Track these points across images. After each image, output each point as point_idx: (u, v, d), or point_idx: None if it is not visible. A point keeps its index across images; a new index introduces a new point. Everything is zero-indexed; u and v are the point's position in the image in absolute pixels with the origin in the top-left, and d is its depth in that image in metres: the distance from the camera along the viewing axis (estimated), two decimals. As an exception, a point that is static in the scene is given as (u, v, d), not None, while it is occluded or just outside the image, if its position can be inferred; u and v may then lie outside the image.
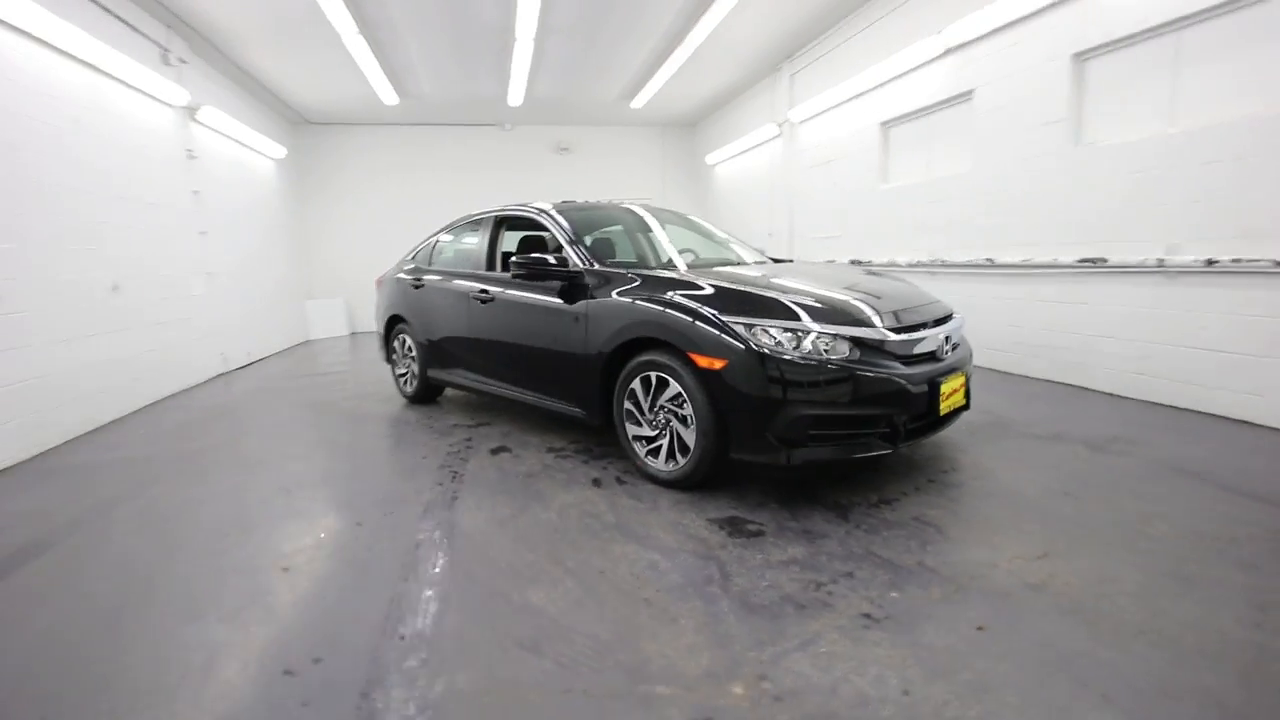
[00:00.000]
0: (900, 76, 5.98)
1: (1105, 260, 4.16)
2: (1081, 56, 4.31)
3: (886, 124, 6.34)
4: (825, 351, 2.52)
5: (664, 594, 2.01)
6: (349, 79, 7.91)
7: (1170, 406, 3.88)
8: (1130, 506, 2.53)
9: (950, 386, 2.75)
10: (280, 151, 8.93)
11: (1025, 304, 4.85)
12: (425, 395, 4.84)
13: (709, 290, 2.81)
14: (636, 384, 2.94)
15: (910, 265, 6.02)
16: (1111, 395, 4.22)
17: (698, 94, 9.42)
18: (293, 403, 5.21)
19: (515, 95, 8.77)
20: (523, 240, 3.98)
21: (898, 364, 2.60)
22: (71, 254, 4.41)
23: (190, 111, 6.32)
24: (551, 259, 3.33)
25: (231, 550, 2.45)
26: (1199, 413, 3.71)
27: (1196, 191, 3.67)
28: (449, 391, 5.19)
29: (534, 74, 7.89)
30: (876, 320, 2.66)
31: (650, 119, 10.95)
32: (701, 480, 2.78)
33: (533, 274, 3.41)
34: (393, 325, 5.02)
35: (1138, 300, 4.03)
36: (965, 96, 5.30)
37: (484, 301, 3.91)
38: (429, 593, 2.07)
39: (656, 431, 2.91)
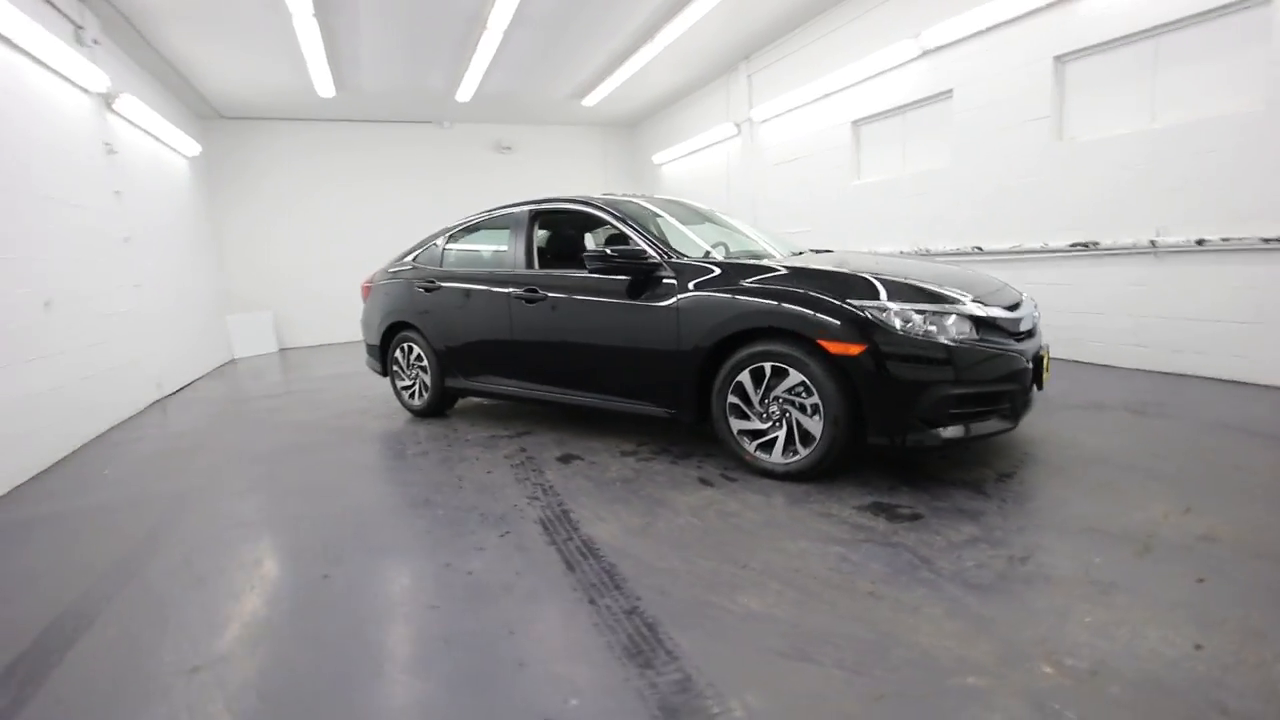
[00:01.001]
0: (874, 77, 6.26)
1: (1097, 244, 4.57)
2: (1063, 59, 4.70)
3: (858, 122, 6.62)
4: (960, 331, 2.55)
5: (883, 585, 1.94)
6: (283, 67, 7.18)
7: (1163, 373, 4.31)
8: (1215, 460, 2.76)
9: (1046, 361, 2.89)
10: (194, 148, 7.93)
11: (1017, 287, 5.22)
12: (438, 408, 4.45)
13: (825, 276, 2.77)
14: (745, 377, 2.84)
15: (892, 255, 6.32)
16: (1105, 366, 4.64)
17: (647, 93, 9.40)
18: (274, 426, 4.62)
19: (466, 90, 8.33)
20: (609, 236, 3.77)
21: (1012, 340, 2.69)
22: None
23: (107, 100, 5.46)
24: (636, 249, 3.17)
25: (392, 571, 2.11)
26: (1194, 377, 4.15)
27: (1180, 180, 4.11)
28: (460, 403, 4.81)
29: (492, 67, 7.53)
30: (987, 299, 2.73)
31: (593, 118, 10.81)
32: (826, 470, 2.73)
33: (617, 269, 3.21)
34: (392, 334, 4.58)
35: (1129, 279, 4.45)
36: (944, 95, 5.63)
37: (530, 301, 3.64)
38: (635, 616, 1.87)
39: (769, 424, 2.83)
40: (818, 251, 4.13)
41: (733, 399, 2.91)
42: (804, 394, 2.69)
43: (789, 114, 7.58)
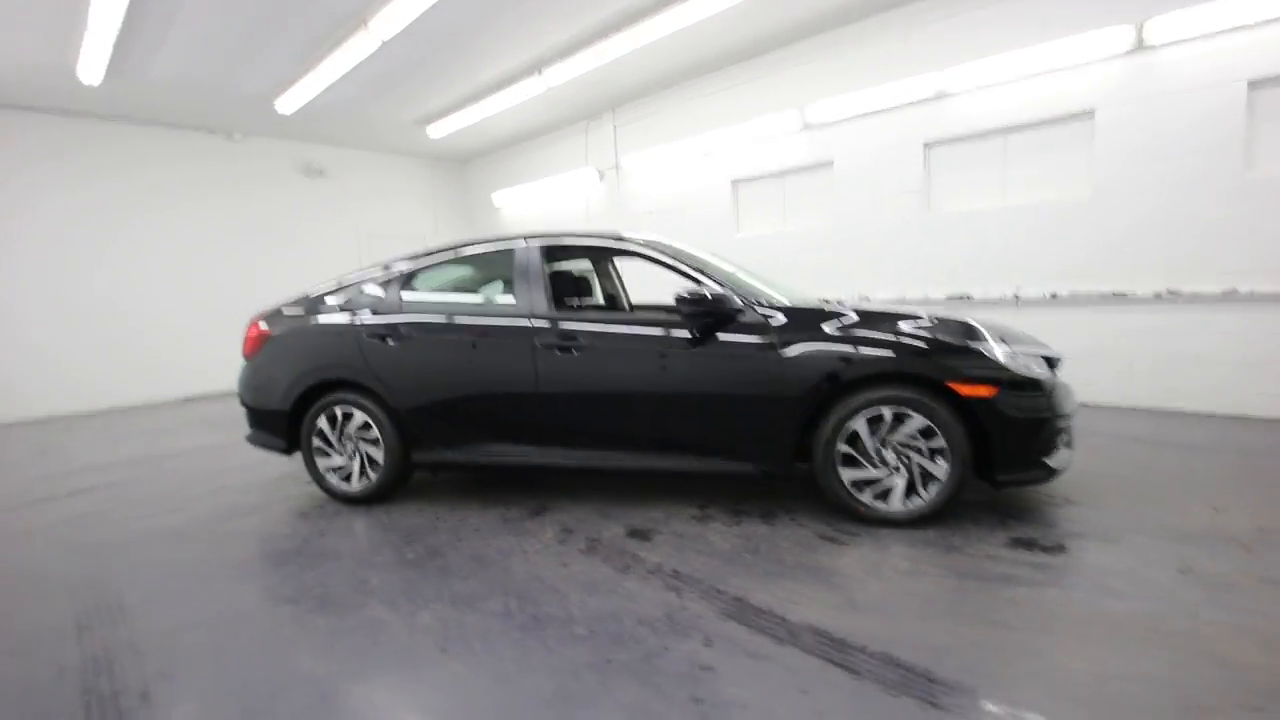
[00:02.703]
0: (757, 142, 6.82)
1: (970, 296, 5.56)
2: (930, 145, 5.71)
3: (739, 181, 7.13)
4: (1042, 368, 2.83)
5: (1156, 619, 1.98)
6: (36, 36, 5.16)
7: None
8: (1182, 466, 3.48)
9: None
10: None
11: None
12: (388, 490, 3.46)
13: (932, 320, 2.85)
14: (859, 423, 2.76)
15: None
16: (979, 396, 5.60)
17: (496, 130, 8.93)
18: (134, 556, 3.09)
19: (295, 100, 6.92)
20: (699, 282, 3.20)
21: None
22: None
23: None
24: (721, 293, 2.89)
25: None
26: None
27: (1029, 246, 5.24)
28: (415, 480, 3.79)
29: (347, 78, 6.41)
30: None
31: (425, 150, 9.88)
32: (943, 513, 2.76)
33: (704, 313, 2.90)
34: (312, 397, 3.47)
35: (996, 324, 5.47)
36: (826, 165, 6.39)
37: (565, 350, 3.07)
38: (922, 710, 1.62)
39: (886, 472, 2.77)
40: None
41: (844, 448, 2.80)
42: (927, 438, 2.71)
43: (664, 166, 7.84)
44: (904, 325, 2.80)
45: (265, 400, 3.58)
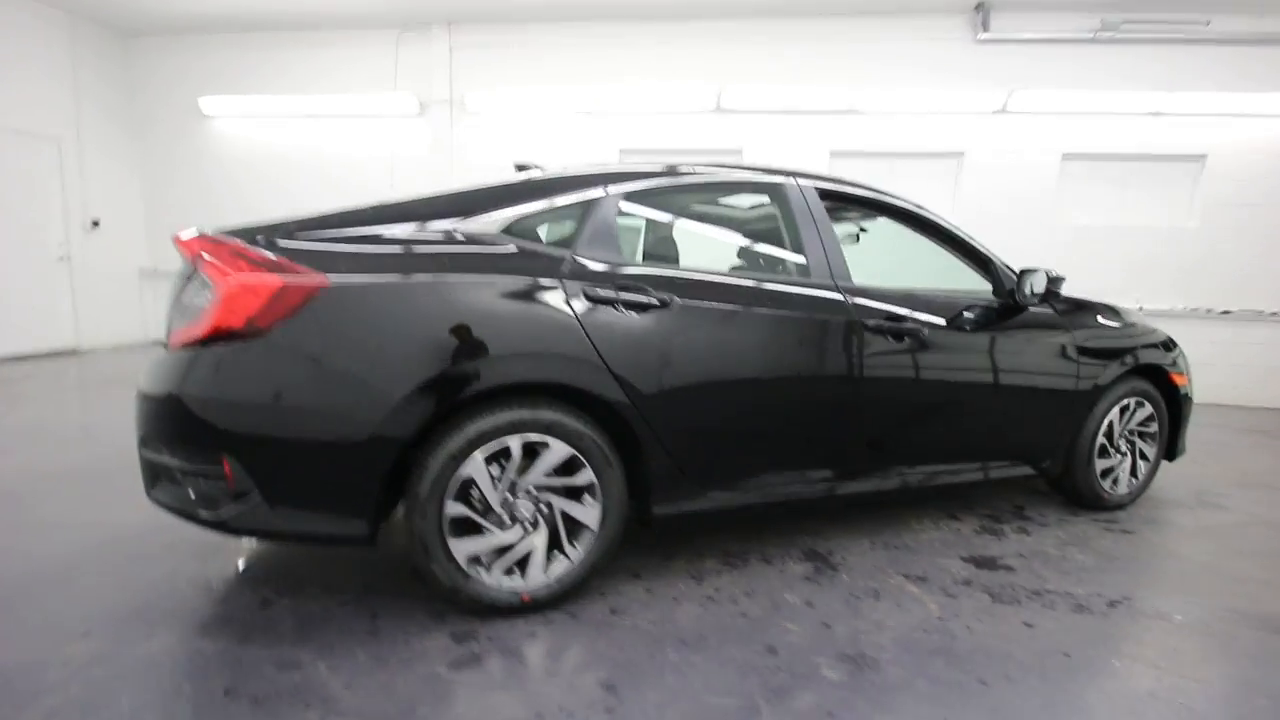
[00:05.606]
0: (667, 114, 6.27)
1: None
2: (834, 154, 6.17)
3: (627, 152, 6.43)
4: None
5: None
6: None
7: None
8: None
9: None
10: None
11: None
12: (590, 575, 1.95)
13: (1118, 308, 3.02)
14: (1115, 414, 2.82)
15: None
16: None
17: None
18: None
19: None
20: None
21: None
22: None
23: None
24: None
25: None
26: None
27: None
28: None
29: None
30: None
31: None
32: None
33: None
34: (451, 419, 1.70)
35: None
36: (734, 151, 6.26)
37: (898, 336, 2.26)
38: None
39: (1118, 461, 2.90)
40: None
41: (1102, 440, 2.82)
42: (1150, 424, 2.95)
43: (525, 112, 6.52)
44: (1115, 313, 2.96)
45: (321, 426, 1.61)
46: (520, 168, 2.61)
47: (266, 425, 1.57)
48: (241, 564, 2.13)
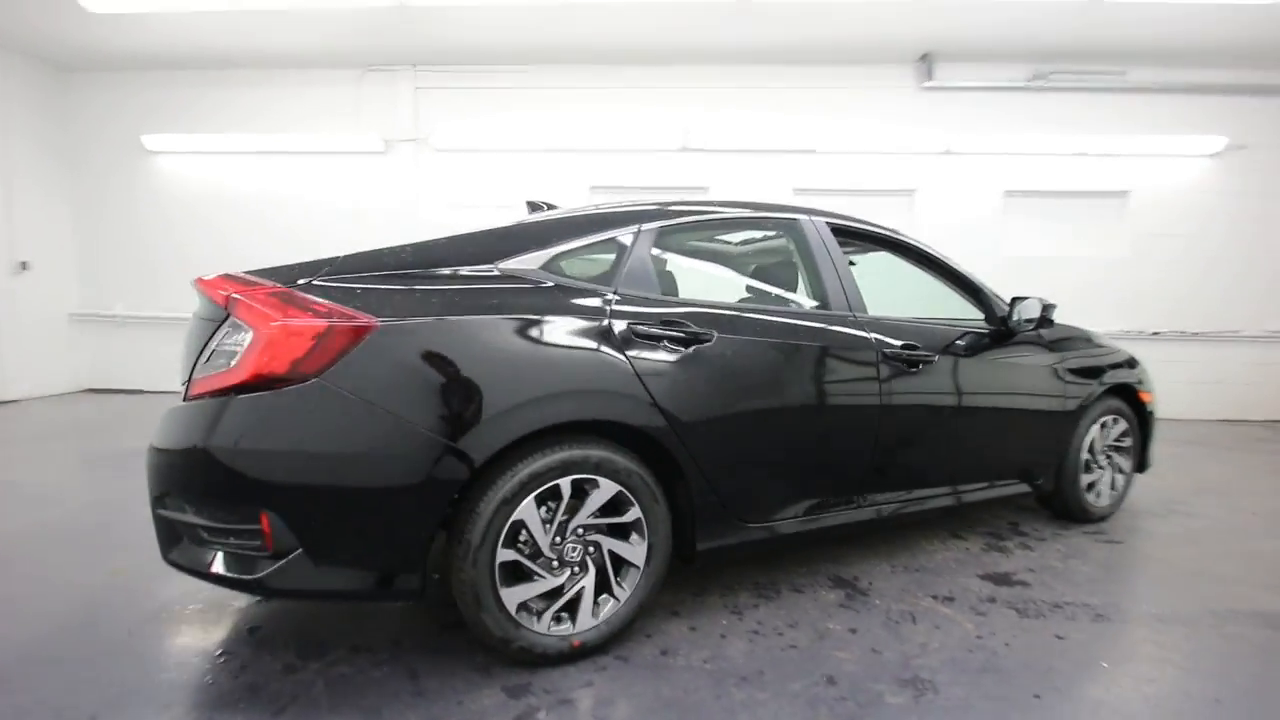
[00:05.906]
0: (631, 152, 6.41)
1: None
2: (798, 191, 6.44)
3: (598, 189, 6.52)
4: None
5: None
6: None
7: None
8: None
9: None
10: None
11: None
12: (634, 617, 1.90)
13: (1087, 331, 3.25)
14: (1095, 430, 2.99)
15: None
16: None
17: (173, 34, 5.82)
18: None
19: None
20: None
21: None
22: None
23: None
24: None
25: None
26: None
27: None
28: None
29: None
30: None
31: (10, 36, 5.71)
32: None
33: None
34: (501, 464, 1.62)
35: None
36: (700, 189, 6.44)
37: (913, 365, 2.34)
38: None
39: (1096, 476, 3.07)
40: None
41: (1086, 456, 2.99)
42: (1125, 439, 3.14)
43: (495, 151, 6.53)
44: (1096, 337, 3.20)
45: (374, 473, 1.51)
46: (533, 206, 2.62)
47: (314, 475, 1.48)
48: (249, 627, 1.98)
